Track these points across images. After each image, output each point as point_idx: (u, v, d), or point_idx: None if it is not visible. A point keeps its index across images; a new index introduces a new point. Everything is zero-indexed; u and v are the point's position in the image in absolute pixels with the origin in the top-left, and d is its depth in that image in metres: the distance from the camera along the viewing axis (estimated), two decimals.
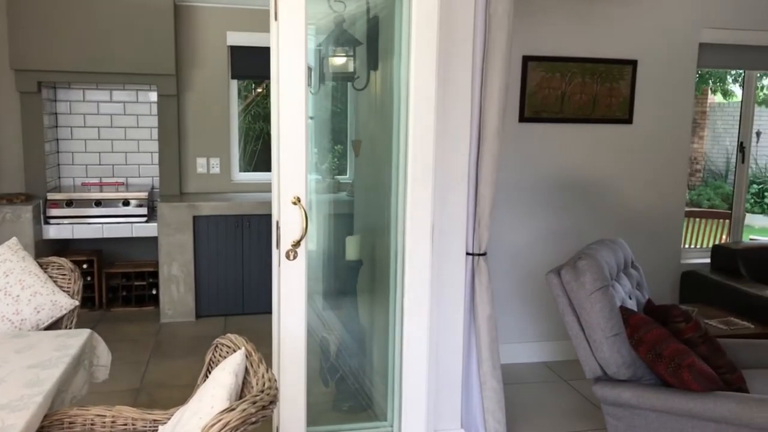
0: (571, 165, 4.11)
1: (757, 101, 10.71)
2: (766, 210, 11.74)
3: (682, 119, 4.19)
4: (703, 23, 4.11)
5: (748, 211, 11.93)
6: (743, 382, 2.60)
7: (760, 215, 11.69)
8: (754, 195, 11.96)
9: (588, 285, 2.59)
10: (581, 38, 3.99)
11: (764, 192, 11.93)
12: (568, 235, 4.10)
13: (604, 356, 2.57)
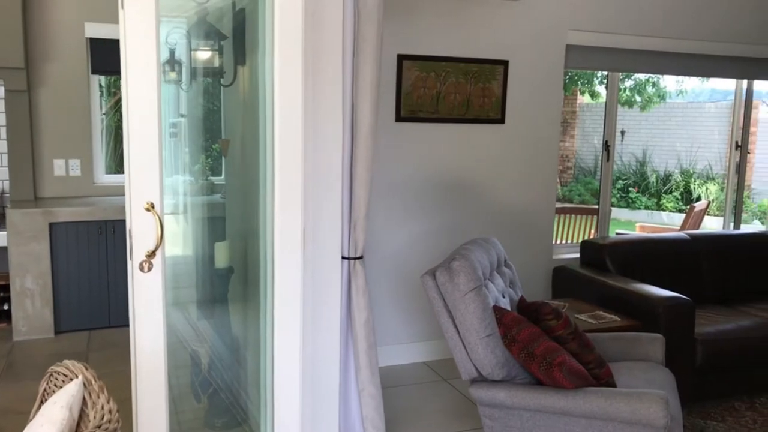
0: (448, 165, 4.11)
1: (620, 102, 11.44)
2: (631, 204, 12.52)
3: (551, 119, 4.32)
4: (569, 25, 4.25)
5: (614, 206, 12.71)
6: (611, 376, 2.67)
7: (626, 209, 12.45)
8: (619, 190, 12.74)
9: (462, 286, 2.56)
10: (455, 38, 4.00)
11: (628, 187, 12.72)
12: (446, 234, 4.11)
13: (479, 357, 2.55)
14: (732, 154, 5.16)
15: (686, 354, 3.38)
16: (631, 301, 3.52)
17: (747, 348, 3.52)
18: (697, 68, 4.73)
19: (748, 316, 3.77)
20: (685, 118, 12.42)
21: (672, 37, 4.52)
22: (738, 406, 3.61)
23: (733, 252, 4.29)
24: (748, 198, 10.44)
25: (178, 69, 3.34)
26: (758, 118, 9.67)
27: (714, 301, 4.12)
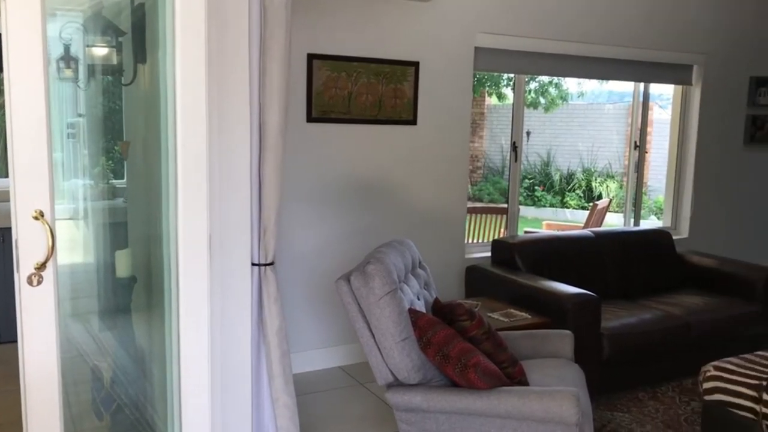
0: (361, 166, 4.07)
1: (525, 103, 11.81)
2: (537, 202, 12.94)
3: (462, 120, 4.36)
4: (478, 28, 4.30)
5: (522, 204, 13.11)
6: (523, 375, 2.71)
7: (532, 207, 12.86)
8: (526, 189, 13.14)
9: (377, 290, 2.52)
10: (366, 38, 3.96)
11: (534, 186, 13.15)
12: (360, 237, 4.07)
13: (395, 362, 2.52)
14: (631, 154, 5.40)
15: (593, 349, 3.49)
16: (540, 299, 3.60)
17: (649, 340, 3.68)
18: (598, 71, 4.91)
19: (649, 310, 3.94)
20: (585, 119, 12.97)
21: (575, 41, 4.67)
22: (641, 396, 3.76)
23: (634, 248, 4.49)
24: (645, 195, 11.02)
25: (74, 66, 3.13)
26: (653, 119, 10.19)
27: (617, 295, 4.29)
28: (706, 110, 5.37)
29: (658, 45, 5.04)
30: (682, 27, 5.14)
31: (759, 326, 4.12)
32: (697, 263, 4.55)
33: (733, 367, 3.05)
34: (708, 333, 3.88)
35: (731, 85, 5.48)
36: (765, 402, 2.84)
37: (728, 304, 4.07)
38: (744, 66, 5.51)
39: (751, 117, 5.59)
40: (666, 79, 5.21)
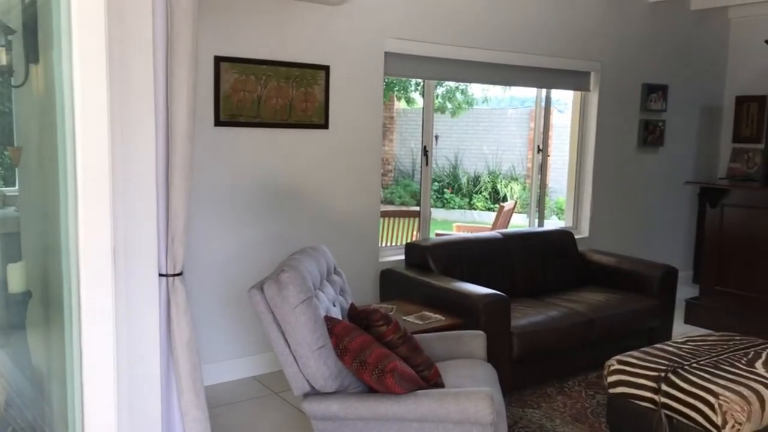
0: (273, 171, 4.00)
1: (434, 108, 12.03)
2: (446, 204, 13.21)
3: (373, 124, 4.37)
4: (387, 33, 4.33)
5: (432, 207, 13.36)
6: (439, 377, 2.74)
7: (442, 209, 13.11)
8: (435, 192, 13.38)
9: (292, 298, 2.48)
10: (275, 41, 3.90)
11: (443, 189, 13.41)
12: (273, 244, 4.00)
13: (311, 371, 2.48)
14: (534, 157, 5.60)
15: (504, 347, 3.58)
16: (453, 300, 3.66)
17: (556, 337, 3.82)
18: (503, 77, 5.06)
19: (555, 307, 4.09)
20: (490, 124, 13.37)
21: (481, 48, 4.79)
22: (550, 391, 3.90)
23: (540, 247, 4.65)
24: (546, 196, 11.48)
25: None
26: (553, 124, 10.60)
27: (525, 294, 4.42)
28: (603, 115, 5.65)
29: (558, 52, 5.26)
30: (580, 36, 5.38)
31: (655, 320, 4.36)
32: (598, 261, 4.77)
33: (634, 360, 3.21)
34: (610, 328, 4.07)
35: (625, 92, 5.79)
36: (663, 392, 3.01)
37: (628, 300, 4.29)
38: (637, 73, 5.84)
39: (643, 122, 5.93)
40: (566, 85, 5.44)
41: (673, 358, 3.20)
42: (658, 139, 6.07)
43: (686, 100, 6.32)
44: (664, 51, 6.03)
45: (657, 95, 5.96)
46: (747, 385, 2.90)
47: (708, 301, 5.34)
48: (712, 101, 6.62)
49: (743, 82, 6.51)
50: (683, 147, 6.40)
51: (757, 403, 2.82)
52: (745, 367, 3.09)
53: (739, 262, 5.17)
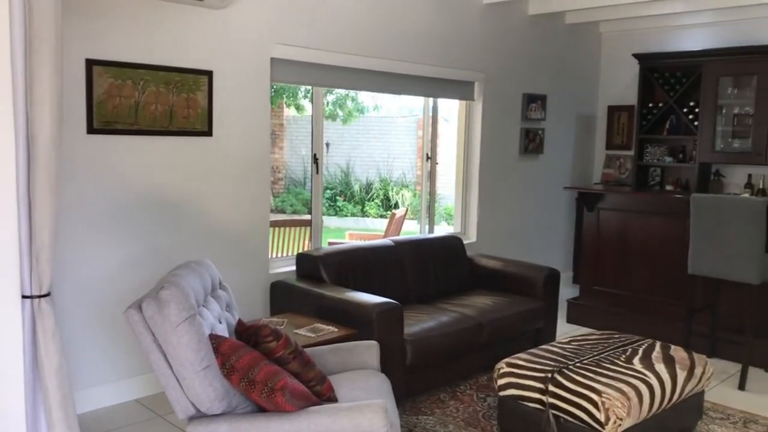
0: (154, 181, 3.79)
1: (324, 115, 11.97)
2: (339, 212, 13.17)
3: (261, 131, 4.25)
4: (274, 39, 4.23)
5: (324, 215, 13.27)
6: (332, 391, 2.67)
7: (335, 217, 13.06)
8: (328, 199, 13.32)
9: (173, 317, 2.33)
10: (153, 44, 3.70)
11: (336, 196, 13.37)
12: (156, 259, 3.77)
13: (196, 393, 2.34)
14: (423, 164, 5.67)
15: (398, 355, 3.57)
16: (346, 310, 3.61)
17: (447, 342, 3.85)
18: (391, 86, 5.09)
19: (446, 312, 4.13)
20: (381, 131, 13.49)
21: (370, 56, 4.78)
22: (443, 396, 3.93)
23: (430, 253, 4.70)
24: (436, 202, 11.71)
25: None
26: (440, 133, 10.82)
27: (418, 300, 4.45)
28: (487, 124, 5.82)
29: (443, 63, 5.36)
30: (464, 47, 5.51)
31: (540, 321, 4.52)
32: (485, 265, 4.89)
33: (522, 362, 3.29)
34: (498, 331, 4.17)
35: (507, 101, 6.00)
36: (551, 393, 3.10)
37: (514, 303, 4.41)
38: (517, 84, 6.06)
39: (524, 130, 6.16)
40: (451, 94, 5.55)
41: (559, 358, 3.30)
42: (538, 146, 6.33)
43: (563, 110, 6.64)
44: (542, 62, 6.31)
45: (536, 105, 6.21)
46: (626, 381, 3.04)
47: (588, 301, 5.61)
48: (587, 110, 7.00)
49: (614, 93, 6.93)
50: (561, 154, 6.71)
51: (636, 399, 2.97)
52: (624, 364, 3.24)
53: (615, 262, 5.47)
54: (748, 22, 5.98)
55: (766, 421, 3.73)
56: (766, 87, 5.62)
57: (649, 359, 3.32)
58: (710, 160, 6.11)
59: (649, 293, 5.26)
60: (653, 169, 6.55)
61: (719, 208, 4.26)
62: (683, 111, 6.21)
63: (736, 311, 4.70)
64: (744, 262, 4.20)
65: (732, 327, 4.70)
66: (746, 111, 5.85)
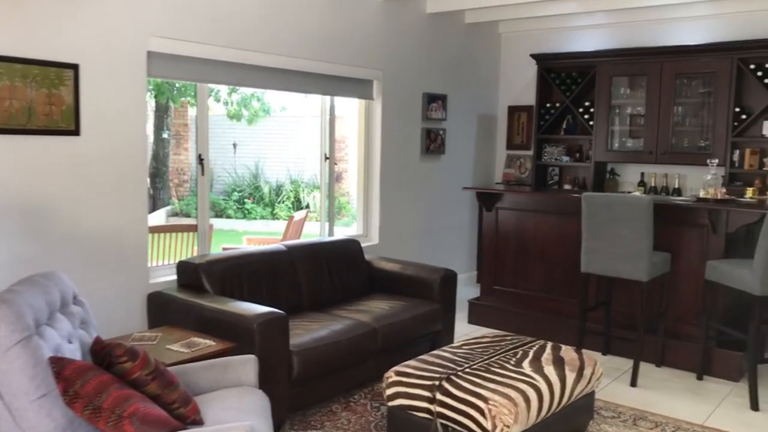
0: (10, 184, 3.41)
1: (228, 115, 11.56)
2: (248, 215, 12.79)
3: (135, 129, 3.93)
4: (150, 31, 3.92)
5: (232, 218, 12.84)
6: (197, 413, 2.44)
7: (243, 220, 12.67)
8: (236, 202, 12.91)
9: (3, 340, 2.04)
10: (8, 34, 3.33)
11: (244, 199, 12.99)
12: (12, 271, 3.39)
13: (31, 424, 2.06)
14: (322, 165, 5.48)
15: (283, 368, 3.37)
16: (227, 322, 3.37)
17: (339, 351, 3.67)
18: (285, 83, 4.87)
19: (340, 319, 3.96)
20: (290, 132, 13.20)
21: (260, 51, 4.55)
22: (336, 408, 3.76)
23: (326, 258, 4.52)
24: (348, 204, 11.54)
25: None
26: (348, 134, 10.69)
27: (312, 308, 4.26)
28: (387, 123, 5.70)
29: (340, 60, 5.19)
30: (361, 44, 5.37)
31: (438, 323, 4.42)
32: (383, 268, 4.75)
33: (411, 370, 3.16)
34: (394, 336, 4.03)
35: (408, 100, 5.90)
36: (439, 401, 2.98)
37: (410, 306, 4.29)
38: (417, 83, 5.97)
39: (425, 130, 6.09)
40: (349, 93, 5.39)
41: (448, 364, 3.19)
42: (440, 146, 6.27)
43: (464, 110, 6.62)
44: (442, 62, 6.25)
45: (437, 104, 6.15)
46: (514, 386, 2.96)
47: (488, 300, 5.58)
48: (488, 110, 7.01)
49: (514, 93, 6.98)
50: (463, 154, 6.69)
51: (524, 404, 2.89)
52: (514, 368, 3.17)
53: (513, 262, 5.47)
54: (639, 24, 6.14)
55: (654, 417, 3.77)
56: (655, 88, 5.78)
57: (538, 361, 3.26)
58: (605, 159, 6.24)
59: (547, 292, 5.29)
60: (552, 168, 6.64)
61: (609, 206, 4.30)
62: (579, 111, 6.31)
63: (629, 308, 4.77)
64: (633, 260, 4.25)
65: (625, 324, 4.76)
66: (638, 111, 6.00)
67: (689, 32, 5.88)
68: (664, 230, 4.56)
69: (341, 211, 11.64)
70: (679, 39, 5.87)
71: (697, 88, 5.71)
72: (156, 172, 11.81)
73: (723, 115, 5.48)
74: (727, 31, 5.68)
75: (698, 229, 4.55)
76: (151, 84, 10.30)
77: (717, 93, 5.51)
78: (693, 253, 4.58)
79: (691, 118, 5.77)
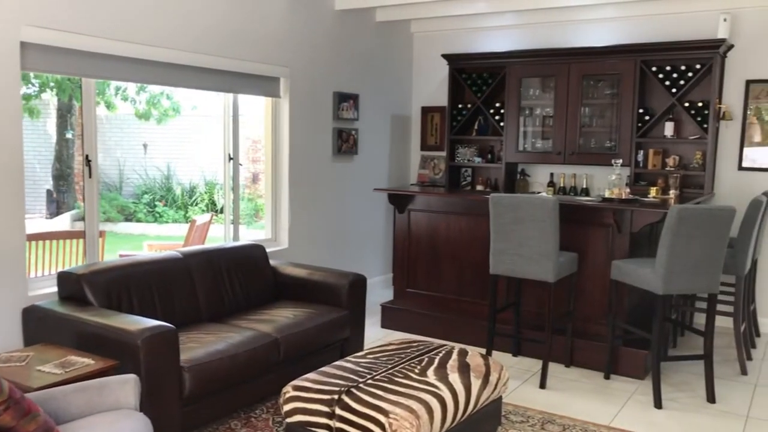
0: None
1: (137, 114, 11.02)
2: (159, 218, 12.27)
3: (9, 129, 3.57)
4: (24, 20, 3.57)
5: (142, 221, 12.27)
6: None
7: (155, 224, 12.14)
8: (146, 205, 12.35)
9: None
10: None
11: (155, 201, 12.45)
12: None
13: None
14: (225, 166, 5.22)
15: (172, 386, 3.11)
16: (109, 338, 3.09)
17: (236, 364, 3.44)
18: (182, 80, 4.58)
19: (239, 330, 3.73)
20: (203, 131, 12.75)
21: (156, 46, 4.26)
22: (234, 425, 3.53)
23: (227, 265, 4.27)
24: (263, 206, 11.23)
25: None
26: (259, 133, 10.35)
27: (210, 319, 4.01)
28: (296, 123, 5.49)
29: (244, 56, 4.95)
30: (267, 39, 5.14)
31: (346, 330, 4.25)
32: (290, 274, 4.55)
33: (309, 384, 2.98)
34: (298, 346, 3.83)
35: (317, 99, 5.71)
36: (338, 417, 2.81)
37: (317, 314, 4.10)
38: (327, 81, 5.79)
39: (337, 130, 5.91)
40: (254, 90, 5.15)
41: (350, 376, 3.03)
42: (353, 147, 6.12)
43: (377, 110, 6.49)
44: (353, 60, 6.10)
45: (348, 104, 5.99)
46: (417, 397, 2.83)
47: (401, 304, 5.47)
48: (402, 111, 6.91)
49: (427, 93, 6.91)
50: (377, 155, 6.56)
51: (426, 416, 2.76)
52: (418, 377, 3.04)
53: (426, 264, 5.38)
54: (548, 25, 6.19)
55: (563, 420, 3.73)
56: (564, 89, 5.83)
57: (444, 369, 3.15)
58: (516, 160, 6.25)
59: (459, 294, 5.22)
60: (464, 169, 6.61)
61: (516, 207, 4.25)
62: (490, 112, 6.29)
63: (538, 309, 4.76)
64: (540, 261, 4.22)
65: (534, 325, 4.75)
66: (547, 112, 6.04)
67: (596, 34, 5.97)
68: (571, 230, 4.58)
69: (258, 213, 11.33)
70: (586, 41, 5.95)
71: (603, 90, 5.80)
72: (60, 174, 11.15)
73: (628, 116, 5.58)
74: (632, 33, 5.80)
75: (604, 229, 4.58)
76: (51, 80, 9.69)
77: (622, 94, 5.61)
78: (599, 253, 4.62)
79: (598, 119, 5.86)
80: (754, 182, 5.45)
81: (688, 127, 5.52)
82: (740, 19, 5.42)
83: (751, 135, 5.49)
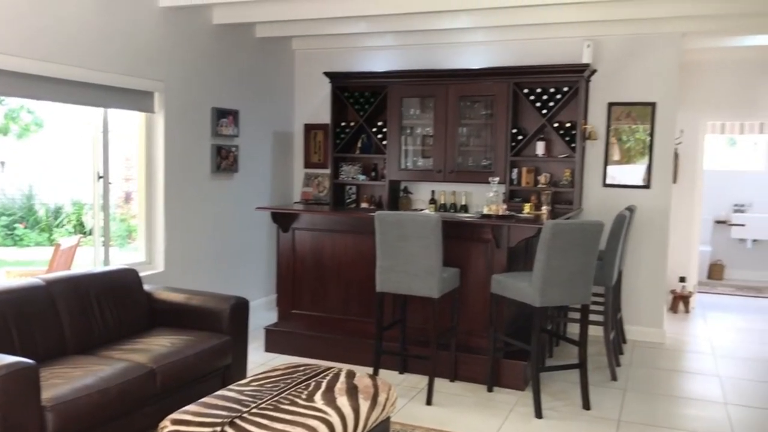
0: None
1: None
2: (19, 242, 11.35)
3: None
4: None
5: (1, 245, 11.28)
6: None
7: (14, 248, 11.22)
8: (5, 227, 11.39)
9: None
10: None
11: (15, 223, 11.51)
12: None
13: None
14: (95, 185, 4.88)
15: (33, 428, 2.82)
16: None
17: (107, 399, 3.17)
18: (43, 92, 4.24)
19: (111, 362, 3.46)
20: (70, 148, 11.95)
21: (12, 55, 3.91)
22: None
23: (95, 292, 3.96)
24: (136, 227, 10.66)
25: None
26: None
27: (78, 351, 3.70)
28: (171, 139, 5.24)
29: (115, 69, 4.67)
30: (140, 52, 4.89)
31: (228, 357, 4.07)
32: (166, 299, 4.30)
33: (189, 417, 2.81)
34: (175, 376, 3.61)
35: (195, 115, 5.49)
36: None
37: (197, 341, 3.89)
38: (205, 97, 5.59)
39: (216, 147, 5.71)
40: (126, 105, 4.87)
41: (233, 405, 2.88)
42: (233, 164, 5.93)
43: (259, 126, 6.35)
44: (232, 76, 5.94)
45: (228, 120, 5.81)
46: (304, 424, 2.74)
47: (286, 326, 5.34)
48: (284, 128, 6.81)
49: (310, 111, 6.86)
50: (259, 173, 6.41)
51: None
52: (305, 402, 2.94)
53: (311, 283, 5.29)
54: (427, 47, 6.34)
55: None
56: (442, 109, 5.98)
57: (332, 393, 3.07)
58: (399, 178, 6.33)
59: (345, 313, 5.18)
60: (349, 187, 6.60)
61: (400, 224, 4.28)
62: (373, 131, 6.34)
63: (424, 325, 4.80)
64: (425, 277, 4.26)
65: (420, 341, 4.78)
66: (427, 132, 6.17)
67: (472, 57, 6.18)
68: (453, 246, 4.67)
69: (131, 234, 10.74)
70: (463, 63, 6.15)
71: (479, 110, 6.00)
72: None
73: (502, 136, 5.81)
74: (505, 57, 6.05)
75: (483, 244, 4.71)
76: None
77: (497, 115, 5.83)
78: (480, 268, 4.74)
79: (474, 138, 6.05)
80: (618, 197, 5.83)
81: (558, 147, 5.82)
82: (602, 45, 5.82)
83: (612, 154, 5.88)
